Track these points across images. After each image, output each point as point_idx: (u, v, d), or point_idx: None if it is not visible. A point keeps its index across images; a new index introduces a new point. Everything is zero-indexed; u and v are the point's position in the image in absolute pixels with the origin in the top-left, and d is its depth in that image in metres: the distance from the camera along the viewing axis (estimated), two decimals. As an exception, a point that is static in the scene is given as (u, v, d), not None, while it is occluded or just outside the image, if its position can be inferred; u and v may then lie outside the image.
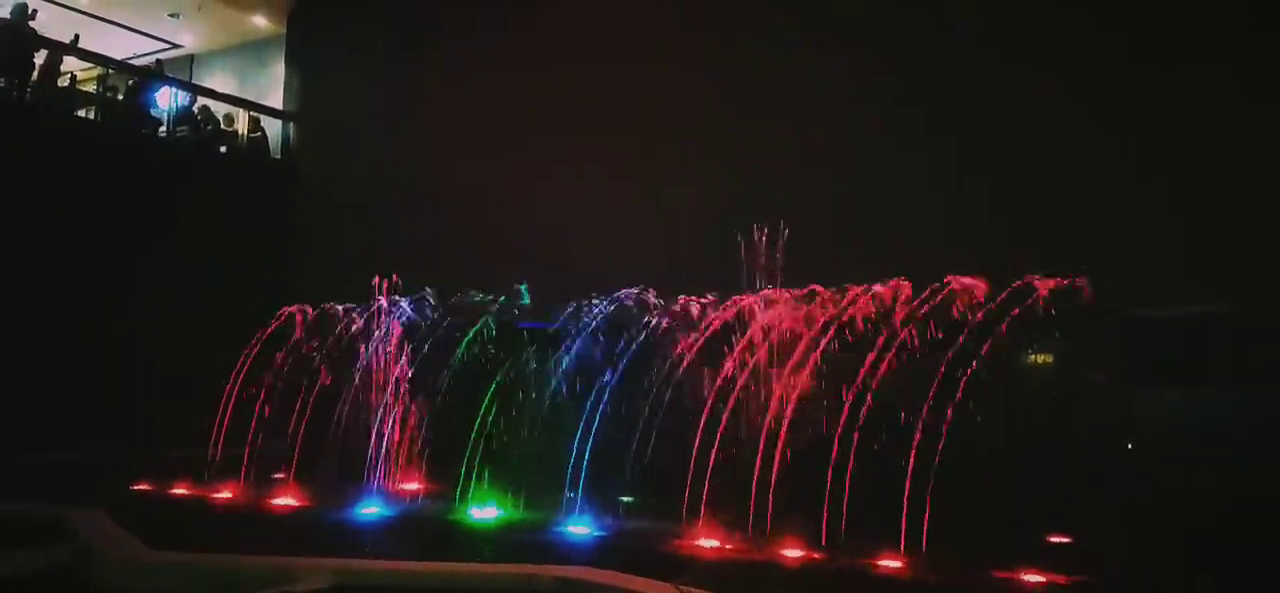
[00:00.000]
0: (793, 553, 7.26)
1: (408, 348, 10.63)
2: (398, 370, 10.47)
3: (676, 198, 13.14)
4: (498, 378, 9.43)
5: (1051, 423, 9.00)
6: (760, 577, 6.85)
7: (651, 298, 9.62)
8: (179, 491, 10.16)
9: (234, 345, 10.94)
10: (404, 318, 10.77)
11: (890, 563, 6.92)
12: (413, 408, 10.27)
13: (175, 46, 19.71)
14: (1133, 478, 8.60)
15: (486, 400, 9.28)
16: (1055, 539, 7.69)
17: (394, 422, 10.13)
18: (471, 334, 10.04)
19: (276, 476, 10.26)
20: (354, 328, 10.85)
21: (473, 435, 9.22)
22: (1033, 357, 10.05)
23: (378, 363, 10.74)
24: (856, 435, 7.28)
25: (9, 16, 14.71)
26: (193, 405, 10.99)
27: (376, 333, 10.76)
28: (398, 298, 10.92)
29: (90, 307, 13.71)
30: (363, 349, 10.69)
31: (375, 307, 10.92)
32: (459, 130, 15.67)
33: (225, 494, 9.96)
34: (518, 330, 10.37)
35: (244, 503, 9.68)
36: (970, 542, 7.09)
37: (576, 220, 13.92)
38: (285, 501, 9.65)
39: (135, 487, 10.37)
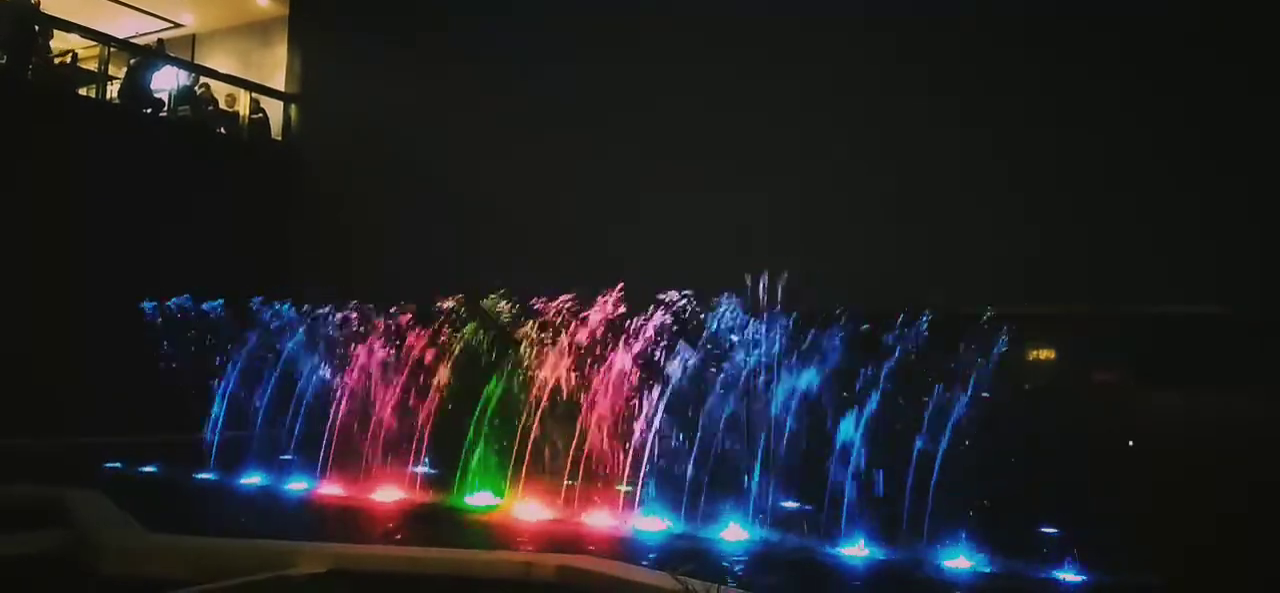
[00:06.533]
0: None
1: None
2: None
3: (687, 189, 13.10)
4: None
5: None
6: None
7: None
8: (178, 475, 10.16)
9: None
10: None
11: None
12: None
13: (177, 26, 19.62)
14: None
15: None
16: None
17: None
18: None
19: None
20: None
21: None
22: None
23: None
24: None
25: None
26: (188, 389, 10.99)
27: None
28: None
29: (85, 287, 13.64)
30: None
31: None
32: (463, 114, 15.60)
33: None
34: None
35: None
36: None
37: (583, 208, 13.88)
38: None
39: (130, 470, 10.37)
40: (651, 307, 8.98)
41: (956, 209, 11.44)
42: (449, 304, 10.26)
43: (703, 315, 8.84)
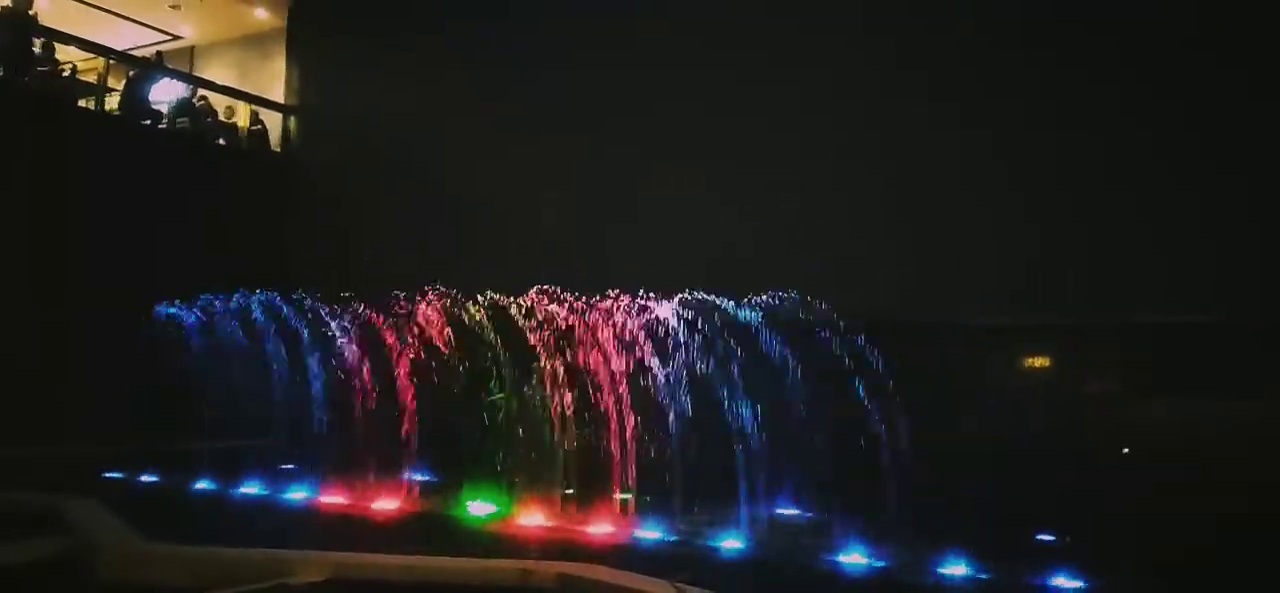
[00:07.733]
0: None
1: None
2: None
3: (686, 192, 13.07)
4: None
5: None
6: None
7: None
8: (176, 482, 10.15)
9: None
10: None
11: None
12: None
13: (175, 38, 19.62)
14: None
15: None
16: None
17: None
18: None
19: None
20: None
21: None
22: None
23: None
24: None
25: (10, 4, 14.67)
26: (189, 397, 10.99)
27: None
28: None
29: (81, 290, 13.60)
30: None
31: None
32: (462, 124, 15.59)
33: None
34: None
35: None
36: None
37: (582, 217, 13.87)
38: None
39: (129, 479, 10.36)
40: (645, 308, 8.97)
41: (957, 209, 11.44)
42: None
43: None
